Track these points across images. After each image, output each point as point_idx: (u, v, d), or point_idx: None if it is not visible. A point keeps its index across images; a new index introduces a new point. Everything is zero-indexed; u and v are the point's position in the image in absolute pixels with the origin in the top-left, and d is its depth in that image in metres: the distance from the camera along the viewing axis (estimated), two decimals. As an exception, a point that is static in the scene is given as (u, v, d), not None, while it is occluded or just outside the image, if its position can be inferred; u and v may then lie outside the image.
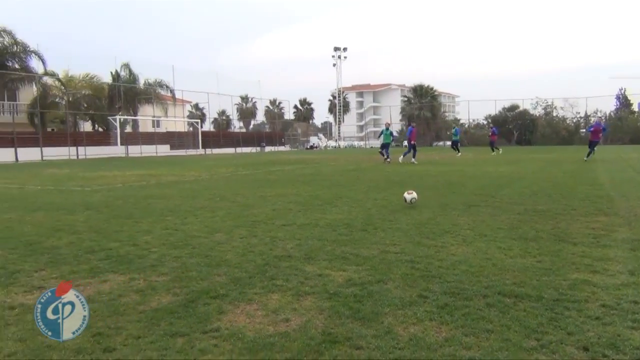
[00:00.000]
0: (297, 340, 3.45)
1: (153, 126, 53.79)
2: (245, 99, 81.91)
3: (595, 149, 24.50)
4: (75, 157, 38.46)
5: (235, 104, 77.20)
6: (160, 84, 50.83)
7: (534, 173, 16.99)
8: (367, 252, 5.88)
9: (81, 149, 40.08)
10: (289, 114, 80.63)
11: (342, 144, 79.02)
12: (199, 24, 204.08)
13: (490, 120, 58.67)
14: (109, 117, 45.16)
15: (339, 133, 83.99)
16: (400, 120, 73.93)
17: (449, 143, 62.57)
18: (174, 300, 4.28)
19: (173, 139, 51.38)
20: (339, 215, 8.57)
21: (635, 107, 61.74)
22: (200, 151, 50.13)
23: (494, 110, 61.79)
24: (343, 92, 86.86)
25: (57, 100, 44.62)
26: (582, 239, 6.41)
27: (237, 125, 74.51)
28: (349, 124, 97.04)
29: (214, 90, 57.06)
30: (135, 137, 46.83)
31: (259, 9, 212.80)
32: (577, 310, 3.92)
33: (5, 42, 39.15)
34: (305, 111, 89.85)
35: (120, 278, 4.98)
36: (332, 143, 78.99)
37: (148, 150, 45.71)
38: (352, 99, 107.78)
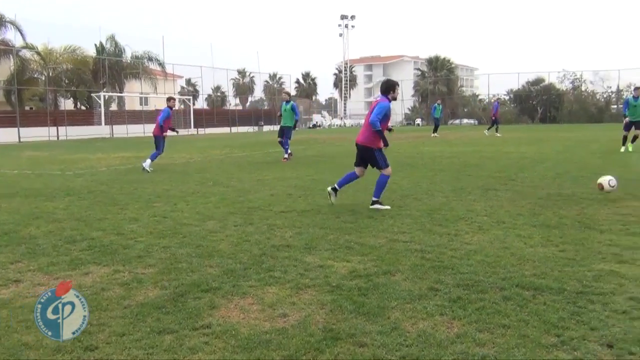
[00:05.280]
0: (296, 337, 3.47)
1: (141, 104, 53.76)
2: (242, 73, 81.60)
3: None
4: (55, 138, 38.51)
5: (232, 79, 77.03)
6: (150, 57, 50.62)
7: (558, 153, 16.93)
8: (373, 241, 5.90)
9: (62, 129, 40.06)
10: (290, 90, 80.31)
11: (348, 122, 78.73)
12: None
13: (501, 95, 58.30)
14: (93, 94, 45.14)
15: (344, 110, 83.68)
16: (412, 96, 73.56)
17: (466, 121, 62.43)
18: (162, 294, 4.31)
19: (162, 117, 51.25)
20: (344, 200, 8.58)
21: (673, 80, 61.18)
22: (192, 131, 50.11)
23: (516, 84, 61.32)
24: (350, 65, 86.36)
25: (36, 75, 44.55)
26: (610, 226, 6.41)
27: (233, 102, 74.38)
28: (356, 100, 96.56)
29: (208, 64, 56.87)
30: (121, 116, 46.84)
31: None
32: (602, 304, 3.93)
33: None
34: (308, 86, 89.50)
35: (103, 270, 5.01)
36: (337, 121, 78.73)
37: (135, 130, 45.61)
38: (360, 72, 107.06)
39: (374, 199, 7.98)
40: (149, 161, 14.13)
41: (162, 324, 3.70)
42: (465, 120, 62.89)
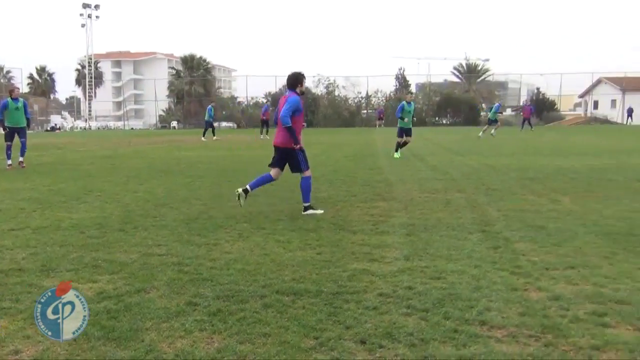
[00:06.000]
0: (31, 375, 3.16)
1: None
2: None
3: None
4: None
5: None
6: None
7: (315, 157, 18.18)
8: (124, 257, 5.68)
9: None
10: (23, 86, 73.00)
11: (94, 124, 74.68)
12: None
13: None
14: None
15: (89, 111, 79.05)
16: (167, 96, 72.56)
17: (225, 124, 63.64)
18: None
19: None
20: (89, 213, 8.11)
21: (413, 88, 70.45)
22: None
23: (274, 87, 64.52)
24: (95, 60, 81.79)
25: None
26: (362, 226, 7.11)
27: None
28: (103, 100, 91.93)
29: None
30: None
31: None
32: (355, 302, 4.33)
33: None
34: (44, 83, 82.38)
35: None
36: (80, 123, 74.08)
37: None
38: (107, 69, 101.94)
39: (305, 204, 7.96)
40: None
41: None
42: (224, 124, 64.12)
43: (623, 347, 3.50)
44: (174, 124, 65.81)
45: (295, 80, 8.12)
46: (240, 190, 8.13)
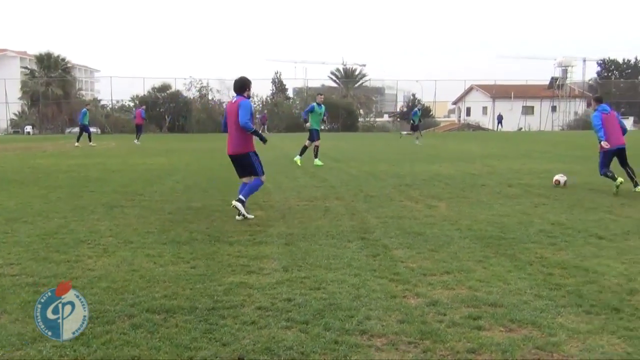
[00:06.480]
0: None
1: None
2: None
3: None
4: None
5: None
6: None
7: (187, 165, 17.90)
8: (-31, 279, 5.26)
9: None
10: None
11: None
12: None
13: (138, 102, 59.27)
14: None
15: None
16: (20, 98, 68.12)
17: (91, 129, 60.85)
18: None
19: None
20: None
21: (290, 93, 71.24)
22: None
23: (142, 90, 62.58)
24: None
25: None
26: (238, 237, 7.08)
27: None
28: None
29: None
30: None
31: None
32: (233, 317, 4.30)
33: None
34: None
35: None
36: None
37: None
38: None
39: (241, 197, 8.20)
40: None
41: None
42: (92, 129, 61.33)
43: (496, 348, 3.74)
44: (29, 129, 61.79)
45: (243, 85, 8.50)
46: (235, 202, 8.25)
